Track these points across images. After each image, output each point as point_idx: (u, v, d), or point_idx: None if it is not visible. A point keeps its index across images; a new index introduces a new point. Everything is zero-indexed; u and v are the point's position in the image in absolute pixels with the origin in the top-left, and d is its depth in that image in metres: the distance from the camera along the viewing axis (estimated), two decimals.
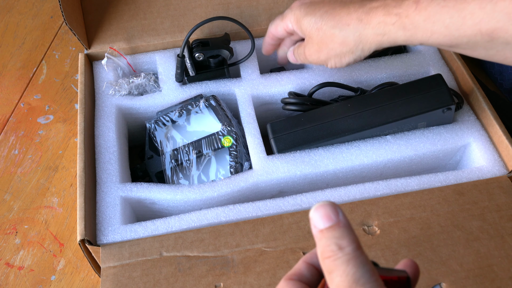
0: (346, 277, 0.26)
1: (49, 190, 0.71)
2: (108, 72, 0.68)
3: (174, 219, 0.54)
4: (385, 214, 0.53)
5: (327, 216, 0.28)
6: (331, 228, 0.28)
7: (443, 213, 0.53)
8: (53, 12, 0.93)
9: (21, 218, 0.68)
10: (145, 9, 0.71)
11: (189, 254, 0.51)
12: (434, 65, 0.67)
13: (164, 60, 0.69)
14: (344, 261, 0.26)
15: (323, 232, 0.28)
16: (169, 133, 0.65)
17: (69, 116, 0.79)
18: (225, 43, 0.65)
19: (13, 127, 0.78)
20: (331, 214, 0.28)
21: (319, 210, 0.28)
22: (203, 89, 0.65)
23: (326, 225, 0.28)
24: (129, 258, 0.51)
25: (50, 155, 0.74)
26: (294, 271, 0.31)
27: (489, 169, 0.57)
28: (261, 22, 0.71)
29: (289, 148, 0.58)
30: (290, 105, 0.61)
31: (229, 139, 0.61)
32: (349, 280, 0.26)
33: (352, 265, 0.26)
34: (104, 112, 0.64)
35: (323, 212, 0.28)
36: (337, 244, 0.27)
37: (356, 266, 0.26)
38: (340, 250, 0.27)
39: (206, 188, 0.57)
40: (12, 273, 0.63)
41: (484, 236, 0.51)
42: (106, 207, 0.55)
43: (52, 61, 0.86)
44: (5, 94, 0.82)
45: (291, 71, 0.67)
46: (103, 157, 0.60)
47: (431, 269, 0.49)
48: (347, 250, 0.27)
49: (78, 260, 0.64)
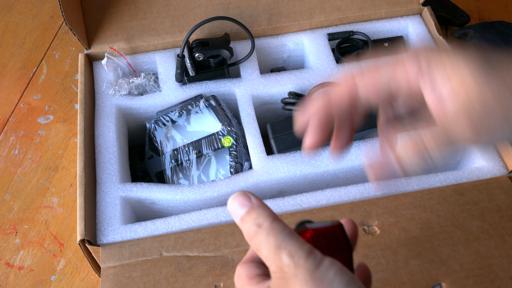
0: (269, 246, 0.29)
1: (49, 190, 0.71)
2: (108, 72, 0.68)
3: (174, 219, 0.54)
4: (385, 214, 0.53)
5: (242, 204, 0.31)
6: (247, 213, 0.30)
7: (443, 213, 0.53)
8: (53, 12, 0.93)
9: (21, 218, 0.68)
10: (145, 9, 0.71)
11: (189, 254, 0.51)
12: None
13: (164, 60, 0.69)
14: (264, 235, 0.29)
15: (243, 219, 0.31)
16: (169, 133, 0.65)
17: (69, 116, 0.79)
18: (225, 43, 0.65)
19: (13, 127, 0.78)
20: (244, 201, 0.31)
21: (234, 202, 0.31)
22: (203, 89, 0.65)
23: (243, 211, 0.31)
24: (129, 258, 0.51)
25: (50, 155, 0.74)
26: (246, 256, 0.34)
27: (489, 169, 0.57)
28: (261, 22, 0.71)
29: (289, 148, 0.58)
30: (290, 105, 0.61)
31: (229, 139, 0.61)
32: (272, 248, 0.28)
33: (271, 235, 0.29)
34: (104, 112, 0.64)
35: (237, 202, 0.31)
36: (256, 224, 0.30)
37: (275, 235, 0.29)
38: (259, 228, 0.29)
39: (206, 188, 0.57)
40: (12, 273, 0.63)
41: (484, 236, 0.51)
42: (106, 207, 0.55)
43: (52, 61, 0.86)
44: (5, 94, 0.82)
45: (291, 71, 0.67)
46: (103, 157, 0.60)
47: (431, 269, 0.49)
48: (264, 225, 0.29)
49: (78, 260, 0.64)
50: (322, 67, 0.67)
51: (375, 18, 0.73)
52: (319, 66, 0.67)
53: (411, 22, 0.73)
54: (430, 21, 0.71)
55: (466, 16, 0.83)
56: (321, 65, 0.67)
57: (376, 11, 0.72)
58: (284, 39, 0.72)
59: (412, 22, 0.73)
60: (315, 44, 0.70)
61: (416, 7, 0.73)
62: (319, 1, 0.72)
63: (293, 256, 0.28)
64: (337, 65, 0.67)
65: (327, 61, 0.68)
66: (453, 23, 0.83)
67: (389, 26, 0.73)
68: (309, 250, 0.28)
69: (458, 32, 0.80)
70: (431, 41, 0.70)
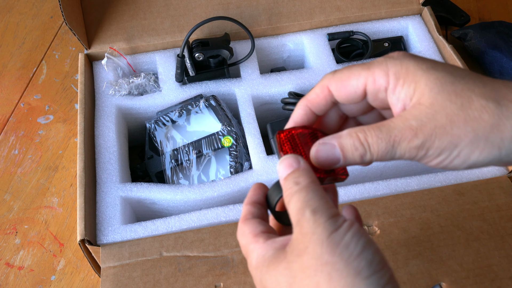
0: (298, 201, 0.30)
1: (49, 190, 0.71)
2: (108, 72, 0.68)
3: (174, 219, 0.54)
4: (385, 214, 0.53)
5: (289, 165, 0.32)
6: (291, 173, 0.31)
7: (443, 213, 0.53)
8: (53, 12, 0.93)
9: (21, 218, 0.68)
10: (145, 9, 0.71)
11: (189, 254, 0.51)
12: None
13: (164, 60, 0.69)
14: (297, 190, 0.30)
15: (286, 178, 0.31)
16: (169, 133, 0.65)
17: (69, 116, 0.79)
18: (225, 43, 0.65)
19: (13, 127, 0.78)
20: (292, 162, 0.32)
21: (282, 162, 0.32)
22: (203, 89, 0.65)
23: (288, 171, 0.31)
24: (129, 258, 0.51)
25: (50, 155, 0.74)
26: (244, 213, 0.34)
27: (489, 169, 0.57)
28: (261, 22, 0.71)
29: None
30: (290, 105, 0.61)
31: (229, 139, 0.61)
32: (300, 203, 0.29)
33: (303, 192, 0.30)
34: (104, 112, 0.64)
35: (285, 163, 0.32)
36: (295, 181, 0.31)
37: (306, 192, 0.30)
38: (296, 185, 0.30)
39: (206, 188, 0.57)
40: (12, 273, 0.63)
41: (484, 236, 0.51)
42: (106, 207, 0.55)
43: (52, 61, 0.86)
44: (5, 94, 0.82)
45: (291, 71, 0.67)
46: (103, 157, 0.60)
47: (431, 269, 0.49)
48: (301, 184, 0.30)
49: (78, 260, 0.64)
50: (322, 67, 0.67)
51: (375, 18, 0.73)
52: (319, 66, 0.67)
53: (411, 22, 0.73)
54: (430, 21, 0.71)
55: (466, 16, 0.83)
56: (321, 65, 0.67)
57: (376, 11, 0.72)
58: (284, 39, 0.72)
59: (412, 22, 0.73)
60: (315, 44, 0.70)
61: (416, 7, 0.73)
62: (319, 1, 0.72)
63: (316, 213, 0.28)
64: (337, 65, 0.67)
65: (327, 61, 0.68)
66: (453, 23, 0.83)
67: (389, 26, 0.73)
68: (334, 214, 0.29)
69: (458, 32, 0.80)
70: (430, 41, 0.70)
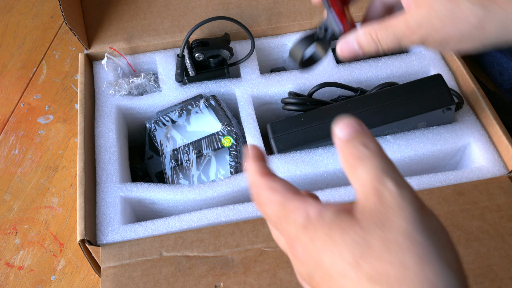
0: (373, 169, 0.26)
1: (49, 190, 0.71)
2: (108, 72, 0.68)
3: (174, 219, 0.54)
4: None
5: (350, 125, 0.28)
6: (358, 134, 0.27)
7: (443, 213, 0.53)
8: (53, 12, 0.93)
9: (21, 218, 0.68)
10: (145, 9, 0.71)
11: (189, 254, 0.51)
12: (434, 65, 0.67)
13: (164, 60, 0.69)
14: (369, 155, 0.26)
15: (349, 140, 0.27)
16: (169, 133, 0.65)
17: (69, 116, 0.79)
18: (225, 43, 0.65)
19: (13, 127, 0.78)
20: (354, 123, 0.28)
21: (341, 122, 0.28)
22: (203, 89, 0.65)
23: (349, 131, 0.27)
24: (129, 258, 0.51)
25: (50, 155, 0.74)
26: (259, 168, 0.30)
27: (489, 169, 0.57)
28: (261, 22, 0.71)
29: (289, 148, 0.58)
30: (290, 105, 0.61)
31: (229, 139, 0.61)
32: (377, 171, 0.25)
33: (377, 157, 0.26)
34: (104, 112, 0.64)
35: (344, 123, 0.28)
36: (363, 144, 0.27)
37: (381, 158, 0.26)
38: (366, 148, 0.26)
39: (206, 188, 0.57)
40: (12, 273, 0.63)
41: (484, 236, 0.51)
42: (106, 207, 0.55)
43: (52, 61, 0.86)
44: (5, 94, 0.82)
45: (291, 71, 0.67)
46: (103, 157, 0.60)
47: None
48: (371, 147, 0.26)
49: (78, 260, 0.64)
50: (322, 67, 0.67)
51: None
52: (319, 66, 0.67)
53: None
54: None
55: None
56: (321, 65, 0.67)
57: None
58: (284, 39, 0.72)
59: None
60: None
61: None
62: None
63: (399, 185, 0.25)
64: (337, 65, 0.67)
65: (327, 61, 0.68)
66: None
67: None
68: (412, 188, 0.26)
69: None
70: None
